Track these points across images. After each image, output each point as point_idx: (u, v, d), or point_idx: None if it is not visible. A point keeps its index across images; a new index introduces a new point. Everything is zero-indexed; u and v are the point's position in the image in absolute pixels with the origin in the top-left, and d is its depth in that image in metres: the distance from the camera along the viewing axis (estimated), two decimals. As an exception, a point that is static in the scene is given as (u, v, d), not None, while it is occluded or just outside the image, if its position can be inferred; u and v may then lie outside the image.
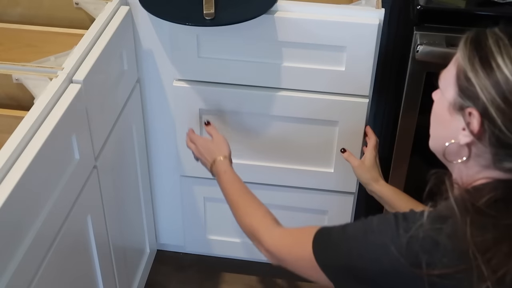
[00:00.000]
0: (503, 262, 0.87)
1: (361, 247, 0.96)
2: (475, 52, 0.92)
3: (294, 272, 1.11)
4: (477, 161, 0.94)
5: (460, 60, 0.94)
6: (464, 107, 0.92)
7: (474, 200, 0.90)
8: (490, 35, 0.93)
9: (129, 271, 1.70)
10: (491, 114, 0.88)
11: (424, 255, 0.89)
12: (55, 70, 1.25)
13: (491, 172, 0.93)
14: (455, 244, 0.88)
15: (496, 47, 0.90)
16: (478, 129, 0.90)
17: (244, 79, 1.53)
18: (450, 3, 1.48)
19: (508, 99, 0.87)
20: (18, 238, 1.05)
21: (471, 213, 0.89)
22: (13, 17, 1.56)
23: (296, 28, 1.42)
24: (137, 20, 1.51)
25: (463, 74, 0.92)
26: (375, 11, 1.41)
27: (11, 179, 1.02)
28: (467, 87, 0.91)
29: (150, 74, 1.60)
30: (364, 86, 1.50)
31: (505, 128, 0.88)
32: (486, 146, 0.91)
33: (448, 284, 0.89)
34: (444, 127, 0.97)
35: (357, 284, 0.98)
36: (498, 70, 0.88)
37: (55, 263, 1.18)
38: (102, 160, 1.38)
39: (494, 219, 0.89)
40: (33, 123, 1.12)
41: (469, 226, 0.88)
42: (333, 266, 1.01)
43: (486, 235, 0.88)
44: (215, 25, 1.39)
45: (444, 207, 0.92)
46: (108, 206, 1.45)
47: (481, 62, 0.90)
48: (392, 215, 0.95)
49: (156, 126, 1.71)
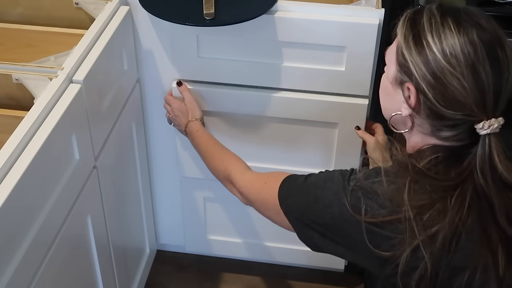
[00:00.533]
0: (436, 219, 0.93)
1: (318, 192, 1.04)
2: (410, 30, 0.98)
3: (263, 215, 1.19)
4: (420, 130, 1.01)
5: (399, 37, 1.00)
6: (403, 82, 0.99)
7: (415, 162, 0.97)
8: (425, 12, 0.98)
9: (129, 271, 1.70)
10: (424, 89, 0.95)
11: (364, 201, 0.97)
12: (55, 70, 1.25)
13: (432, 139, 0.99)
14: (393, 198, 0.95)
15: (428, 24, 0.96)
16: (415, 102, 0.97)
17: (244, 79, 1.53)
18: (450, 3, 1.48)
19: (437, 75, 0.93)
20: (18, 238, 1.05)
21: (411, 173, 0.96)
22: (13, 17, 1.56)
23: (296, 28, 1.42)
24: (137, 20, 1.51)
25: (400, 51, 0.99)
26: (375, 11, 1.41)
27: (11, 179, 1.02)
28: (404, 63, 0.98)
29: (150, 74, 1.60)
30: (364, 86, 1.50)
31: (436, 102, 0.94)
32: (424, 118, 0.98)
33: (385, 234, 0.95)
34: (390, 99, 1.05)
35: (312, 229, 1.06)
36: (428, 48, 0.94)
37: (55, 263, 1.18)
38: (102, 160, 1.38)
39: (432, 180, 0.95)
40: (33, 123, 1.12)
41: (407, 184, 0.95)
42: (294, 211, 1.09)
43: (423, 194, 0.94)
44: (215, 25, 1.39)
45: (390, 165, 1.01)
46: (108, 206, 1.45)
47: (414, 40, 0.96)
48: (351, 169, 1.05)
49: (156, 126, 1.70)
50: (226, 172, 1.30)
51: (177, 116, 1.51)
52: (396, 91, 1.02)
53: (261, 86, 1.54)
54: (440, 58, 0.93)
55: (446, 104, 0.93)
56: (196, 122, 1.47)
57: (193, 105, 1.50)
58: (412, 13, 1.00)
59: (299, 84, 1.52)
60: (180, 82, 1.54)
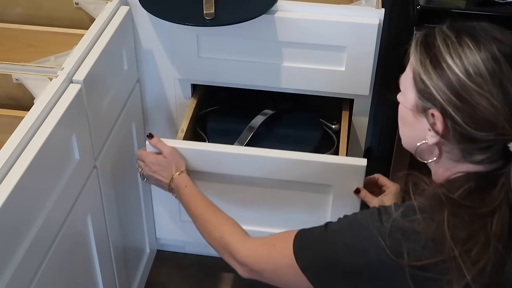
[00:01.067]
0: (482, 252, 0.88)
1: (347, 239, 0.96)
2: (425, 54, 0.94)
3: (272, 283, 1.07)
4: (448, 157, 0.96)
5: (414, 64, 0.95)
6: (426, 109, 0.94)
7: (449, 193, 0.92)
8: (438, 34, 0.94)
9: (129, 271, 1.70)
10: (451, 113, 0.90)
11: (405, 244, 0.90)
12: (55, 70, 1.25)
13: (464, 165, 0.95)
14: (435, 236, 0.89)
15: (444, 46, 0.92)
16: (442, 128, 0.93)
17: (244, 79, 1.53)
18: (450, 3, 1.48)
19: (463, 96, 0.89)
20: (18, 238, 1.05)
21: (447, 205, 0.91)
22: (13, 17, 1.56)
23: (296, 28, 1.42)
24: (137, 20, 1.51)
25: (419, 77, 0.94)
26: (375, 11, 1.41)
27: (11, 179, 1.02)
28: (424, 89, 0.93)
29: (150, 74, 1.60)
30: (364, 86, 1.50)
31: (465, 125, 0.90)
32: (453, 143, 0.93)
33: (429, 276, 0.90)
34: (412, 129, 0.99)
35: (338, 281, 0.98)
36: (449, 70, 0.90)
37: (55, 263, 1.18)
38: (102, 160, 1.38)
39: (469, 210, 0.90)
40: (33, 123, 1.12)
41: (446, 218, 0.89)
42: (315, 264, 1.00)
43: (463, 227, 0.89)
44: (215, 25, 1.39)
45: (422, 200, 0.94)
46: (108, 206, 1.45)
47: (432, 64, 0.92)
48: (375, 208, 0.97)
49: (156, 126, 1.70)
50: (222, 241, 1.14)
51: (156, 171, 1.31)
52: (419, 119, 0.96)
53: (261, 86, 1.54)
54: (464, 78, 0.88)
55: (477, 126, 0.89)
56: (183, 176, 1.29)
57: (175, 156, 1.31)
58: (423, 37, 0.96)
59: (299, 84, 1.52)
60: (151, 135, 1.35)
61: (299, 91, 1.56)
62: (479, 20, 1.44)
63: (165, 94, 1.62)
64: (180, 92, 1.61)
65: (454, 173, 0.96)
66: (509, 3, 1.44)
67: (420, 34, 0.97)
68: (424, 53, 0.94)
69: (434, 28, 0.96)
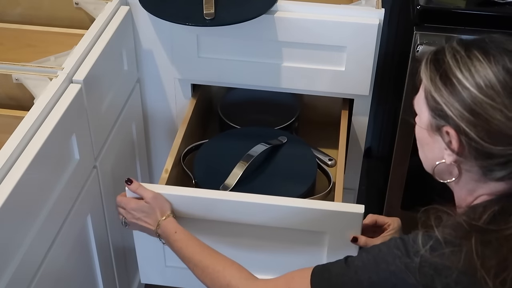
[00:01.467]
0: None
1: (373, 276, 0.91)
2: (435, 71, 0.92)
3: None
4: (469, 176, 0.93)
5: (425, 82, 0.94)
6: (440, 127, 0.92)
7: (473, 220, 0.88)
8: (447, 50, 0.92)
9: (129, 271, 1.70)
10: (464, 129, 0.88)
11: (438, 280, 0.86)
12: (55, 70, 1.25)
13: (486, 185, 0.92)
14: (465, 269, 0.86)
15: (453, 61, 0.90)
16: (457, 146, 0.90)
17: (244, 79, 1.53)
18: (450, 3, 1.48)
19: (475, 110, 0.86)
20: (18, 238, 1.05)
21: (473, 233, 0.87)
22: (13, 17, 1.56)
23: (296, 28, 1.42)
24: (137, 20, 1.51)
25: (430, 95, 0.92)
26: (375, 11, 1.41)
27: (11, 179, 1.02)
28: (436, 106, 0.91)
29: (150, 74, 1.60)
30: (364, 86, 1.50)
31: (480, 140, 0.87)
32: (471, 160, 0.90)
33: None
34: (429, 149, 0.96)
35: None
36: (459, 85, 0.88)
37: (55, 262, 1.18)
38: (102, 160, 1.38)
39: (496, 234, 0.87)
40: (33, 123, 1.12)
41: (474, 247, 0.85)
42: None
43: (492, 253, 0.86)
44: (215, 25, 1.39)
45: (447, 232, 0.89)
46: (108, 206, 1.45)
47: (442, 80, 0.90)
48: (399, 239, 0.92)
49: (156, 126, 1.70)
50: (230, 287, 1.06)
51: (139, 218, 1.20)
52: (435, 138, 0.94)
53: (261, 86, 1.54)
54: (475, 92, 0.86)
55: (493, 140, 0.86)
56: (170, 220, 1.17)
57: (159, 200, 1.19)
58: (433, 54, 0.95)
59: (299, 84, 1.52)
60: (129, 180, 1.21)
61: (299, 91, 1.56)
62: (480, 20, 1.45)
63: (165, 94, 1.62)
64: (180, 92, 1.61)
65: (477, 197, 0.93)
66: (509, 3, 1.44)
67: (430, 52, 0.96)
68: (434, 70, 0.92)
69: (444, 45, 0.94)
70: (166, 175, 1.37)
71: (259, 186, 1.36)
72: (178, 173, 1.44)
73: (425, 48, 1.44)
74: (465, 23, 1.42)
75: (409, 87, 1.54)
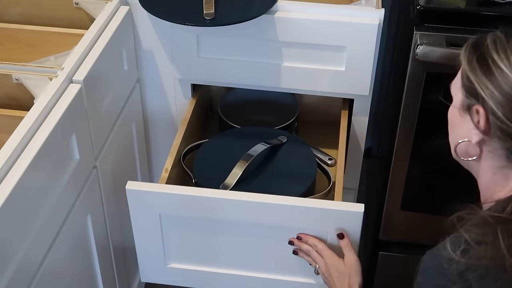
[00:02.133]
0: None
1: None
2: (473, 53, 0.96)
3: None
4: (492, 160, 0.95)
5: (463, 63, 0.97)
6: (471, 106, 0.95)
7: (497, 212, 0.90)
8: (489, 36, 0.96)
9: (129, 271, 1.70)
10: (492, 108, 0.91)
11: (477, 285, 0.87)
12: (55, 70, 1.25)
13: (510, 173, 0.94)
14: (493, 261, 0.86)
15: (492, 44, 0.94)
16: (484, 124, 0.93)
17: (244, 79, 1.53)
18: (450, 3, 1.48)
19: (505, 91, 0.90)
20: (18, 238, 1.05)
21: (498, 225, 0.88)
22: (13, 17, 1.56)
23: (296, 28, 1.42)
24: (137, 20, 1.51)
25: (465, 75, 0.96)
26: (375, 11, 1.41)
27: (11, 179, 1.02)
28: (469, 85, 0.94)
29: (150, 74, 1.60)
30: (364, 86, 1.50)
31: (507, 120, 0.90)
32: (496, 142, 0.93)
33: None
34: (458, 130, 0.99)
35: None
36: (494, 65, 0.91)
37: (55, 262, 1.18)
38: (102, 160, 1.39)
39: None
40: (33, 123, 1.12)
41: (500, 237, 0.86)
42: None
43: None
44: (215, 25, 1.39)
45: (473, 230, 0.90)
46: (108, 206, 1.45)
47: (478, 61, 0.94)
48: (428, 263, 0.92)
49: (156, 126, 1.71)
50: None
51: (330, 275, 1.19)
52: (464, 117, 0.97)
53: (261, 86, 1.54)
54: (508, 73, 0.90)
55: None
56: None
57: (354, 269, 1.17)
58: (474, 39, 0.99)
59: (299, 84, 1.52)
60: (342, 235, 1.19)
61: (299, 91, 1.56)
62: (480, 20, 1.44)
63: (165, 94, 1.62)
64: (180, 92, 1.61)
65: (497, 193, 0.95)
66: (509, 3, 1.44)
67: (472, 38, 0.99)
68: (472, 52, 0.96)
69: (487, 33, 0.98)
70: (166, 174, 1.37)
71: (259, 185, 1.36)
72: (178, 172, 1.44)
73: (425, 48, 1.44)
74: (465, 23, 1.42)
75: (409, 87, 1.54)
